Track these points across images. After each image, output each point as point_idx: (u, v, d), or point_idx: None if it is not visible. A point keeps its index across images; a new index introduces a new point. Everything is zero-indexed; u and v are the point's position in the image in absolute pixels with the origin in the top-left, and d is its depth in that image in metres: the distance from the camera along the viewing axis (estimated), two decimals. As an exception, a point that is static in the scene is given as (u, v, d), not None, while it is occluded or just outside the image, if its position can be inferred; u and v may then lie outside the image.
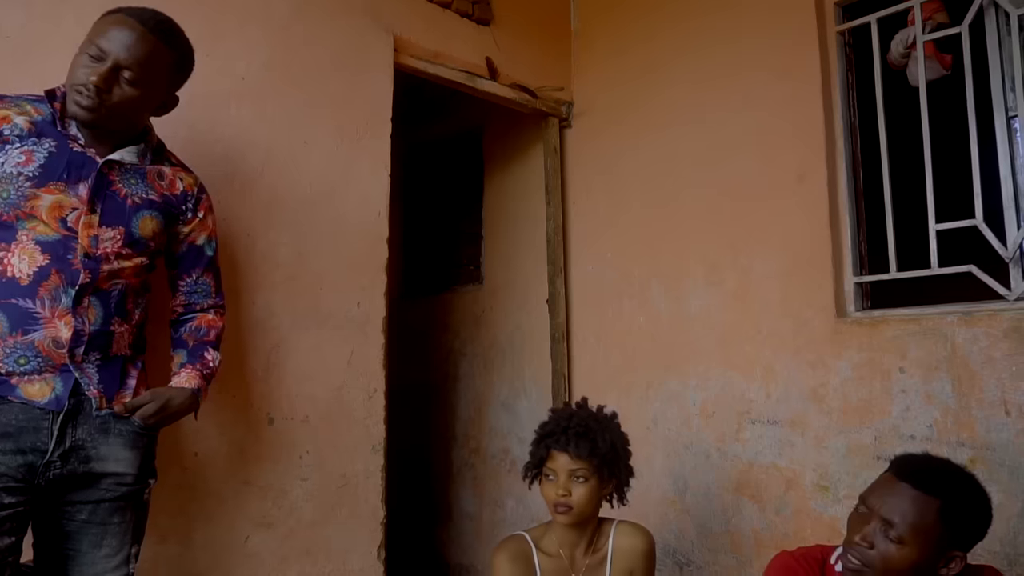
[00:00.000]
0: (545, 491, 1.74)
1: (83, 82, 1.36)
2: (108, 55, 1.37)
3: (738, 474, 2.40)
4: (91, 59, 1.37)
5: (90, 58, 1.37)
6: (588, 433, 1.70)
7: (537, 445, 1.76)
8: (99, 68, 1.36)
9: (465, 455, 3.49)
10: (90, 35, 1.39)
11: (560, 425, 1.73)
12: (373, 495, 2.24)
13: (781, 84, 2.40)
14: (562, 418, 1.76)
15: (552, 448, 1.72)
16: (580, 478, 1.69)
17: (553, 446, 1.72)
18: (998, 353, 1.90)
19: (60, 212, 1.37)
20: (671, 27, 2.75)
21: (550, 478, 1.72)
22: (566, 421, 1.74)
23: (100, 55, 1.36)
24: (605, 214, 2.93)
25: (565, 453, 1.69)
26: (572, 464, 1.69)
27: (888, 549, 1.30)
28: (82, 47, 1.39)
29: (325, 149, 2.22)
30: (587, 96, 3.05)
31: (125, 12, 1.41)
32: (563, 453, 1.70)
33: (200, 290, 1.66)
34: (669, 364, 2.64)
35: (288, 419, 2.07)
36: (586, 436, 1.70)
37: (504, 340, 3.34)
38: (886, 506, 1.32)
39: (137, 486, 1.46)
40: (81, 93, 1.36)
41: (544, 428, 1.78)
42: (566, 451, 1.69)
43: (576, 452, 1.68)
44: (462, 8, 2.71)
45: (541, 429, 1.79)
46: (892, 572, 1.30)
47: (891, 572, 1.30)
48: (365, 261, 2.29)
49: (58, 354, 1.36)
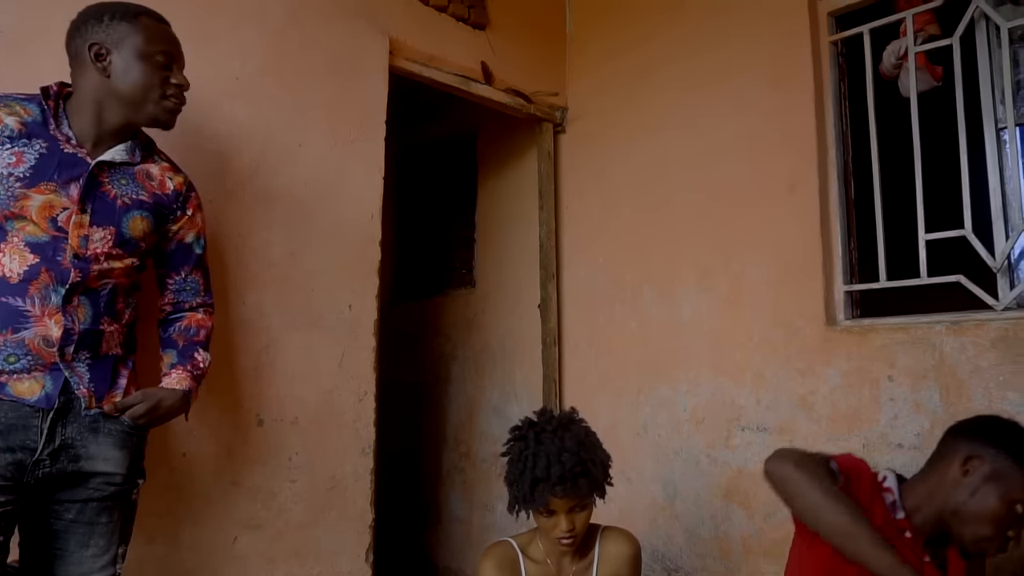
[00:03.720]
0: (542, 524, 1.66)
1: (174, 92, 1.48)
2: (174, 58, 1.50)
3: (728, 480, 2.40)
4: (162, 67, 1.46)
5: (160, 66, 1.46)
6: (586, 471, 1.61)
7: (532, 490, 1.61)
8: (178, 73, 1.50)
9: (455, 459, 3.48)
10: (141, 43, 1.44)
11: (555, 470, 1.58)
12: (362, 497, 2.23)
13: (773, 92, 2.41)
14: (552, 456, 1.60)
15: (552, 496, 1.59)
16: (580, 508, 1.63)
17: (553, 493, 1.59)
18: (985, 362, 1.92)
19: (50, 212, 1.36)
20: (664, 32, 2.76)
21: (546, 515, 1.64)
22: (559, 464, 1.59)
23: (167, 61, 1.48)
24: (598, 219, 2.94)
25: (567, 498, 1.60)
26: (572, 501, 1.61)
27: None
28: (140, 56, 1.43)
29: (319, 150, 2.22)
30: (581, 101, 3.06)
31: (150, 14, 1.49)
32: (564, 498, 1.60)
33: (189, 288, 1.65)
34: (660, 370, 2.65)
35: (278, 420, 2.07)
36: (585, 475, 1.60)
37: (496, 344, 3.34)
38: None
39: (125, 486, 1.45)
40: (170, 98, 1.48)
41: (535, 469, 1.60)
42: (567, 496, 1.60)
43: (578, 494, 1.60)
44: (458, 12, 2.71)
45: (530, 469, 1.61)
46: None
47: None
48: (357, 263, 2.29)
49: (48, 352, 1.35)
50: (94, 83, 1.43)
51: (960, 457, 1.43)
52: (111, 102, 1.43)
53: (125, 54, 1.42)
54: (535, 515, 1.67)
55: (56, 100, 1.43)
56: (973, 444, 1.43)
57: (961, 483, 1.40)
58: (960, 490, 1.40)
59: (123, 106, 1.44)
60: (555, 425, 1.68)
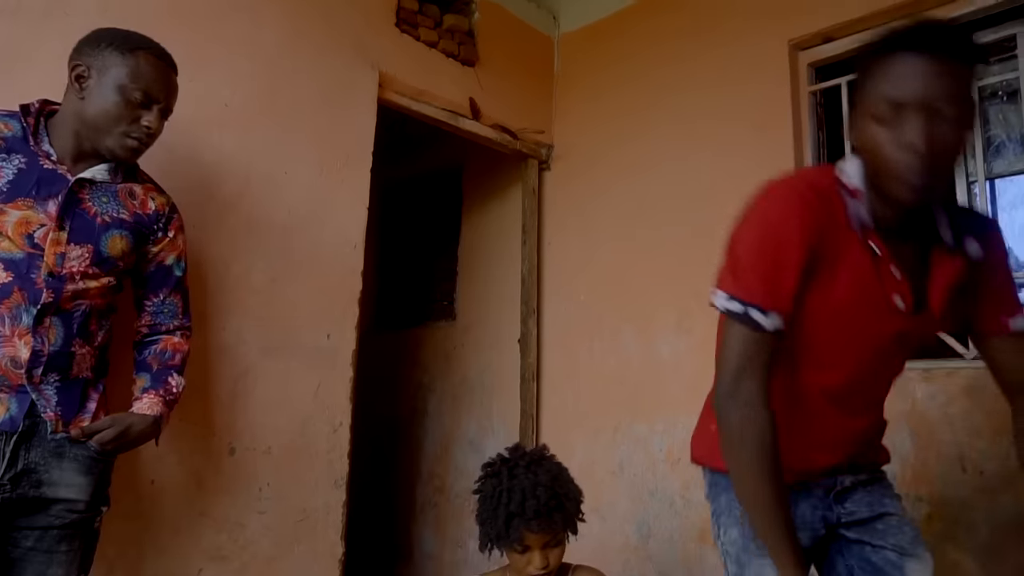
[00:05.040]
0: (515, 561, 1.64)
1: (139, 132, 1.45)
2: (155, 100, 1.47)
3: (702, 522, 2.39)
4: (137, 105, 1.43)
5: (135, 104, 1.43)
6: (560, 505, 1.61)
7: (506, 525, 1.60)
8: (150, 115, 1.46)
9: (429, 493, 3.43)
10: (124, 76, 1.42)
11: (529, 504, 1.58)
12: (333, 531, 2.19)
13: (759, 135, 2.46)
14: (527, 490, 1.60)
15: (527, 531, 1.59)
16: (554, 544, 1.63)
17: (528, 528, 1.58)
18: (955, 410, 1.94)
19: (27, 228, 1.35)
20: (651, 73, 2.82)
21: (521, 550, 1.62)
22: (533, 498, 1.58)
23: (146, 101, 1.45)
24: (579, 257, 2.96)
25: (541, 533, 1.60)
26: (547, 536, 1.61)
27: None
28: (117, 88, 1.41)
29: (305, 179, 2.23)
30: (567, 139, 3.11)
31: (151, 51, 1.47)
32: (539, 533, 1.60)
33: (167, 311, 1.63)
34: (637, 408, 2.65)
35: (250, 450, 2.03)
36: (560, 509, 1.61)
37: (474, 378, 3.32)
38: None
39: (88, 513, 1.41)
40: (133, 138, 1.45)
41: (509, 505, 1.60)
42: (542, 531, 1.59)
43: (552, 529, 1.60)
44: (448, 48, 2.76)
45: (504, 504, 1.61)
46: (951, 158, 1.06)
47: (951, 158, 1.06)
48: (338, 292, 2.28)
49: (15, 374, 1.33)
50: (71, 103, 1.43)
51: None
52: (80, 124, 1.43)
53: (105, 82, 1.42)
54: (508, 553, 1.66)
55: (37, 117, 1.43)
56: None
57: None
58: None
59: (87, 129, 1.43)
60: (528, 460, 1.68)
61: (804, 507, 1.27)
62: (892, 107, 1.03)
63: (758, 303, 1.11)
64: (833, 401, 1.23)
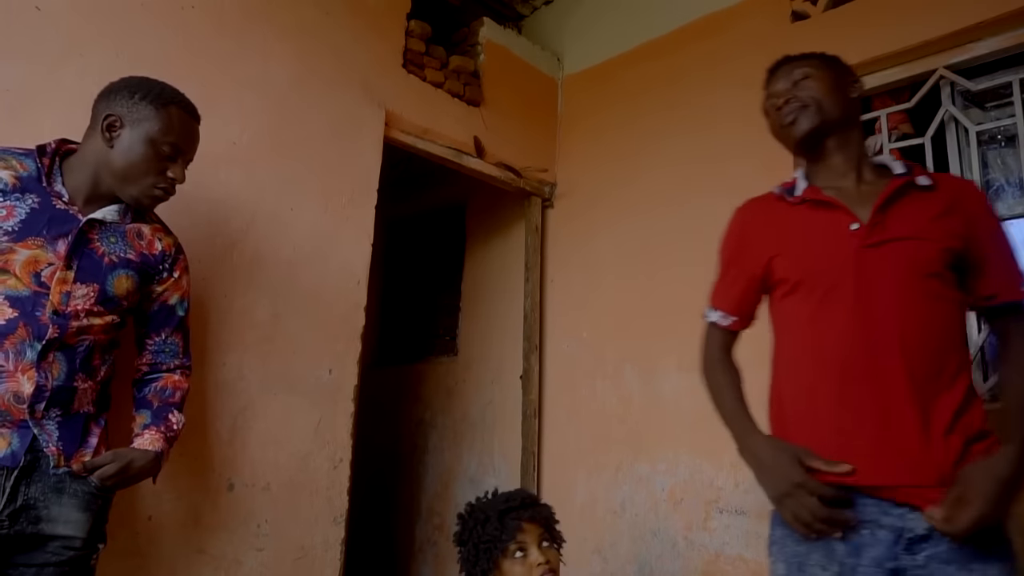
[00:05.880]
0: (516, 570, 1.64)
1: (164, 183, 1.50)
2: (182, 152, 1.53)
3: (704, 564, 2.36)
4: (164, 156, 1.49)
5: (163, 156, 1.48)
6: (539, 502, 1.74)
7: (501, 521, 1.65)
8: (177, 167, 1.52)
9: (429, 531, 3.39)
10: (156, 131, 1.46)
11: (515, 496, 1.69)
12: (331, 569, 2.16)
13: (768, 174, 2.46)
14: (505, 495, 1.72)
15: (523, 520, 1.65)
16: (549, 542, 1.68)
17: (521, 517, 1.65)
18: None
19: (35, 267, 1.36)
20: (656, 112, 2.86)
21: (518, 555, 1.64)
22: (516, 493, 1.72)
23: (174, 154, 1.51)
24: (582, 293, 2.97)
25: (534, 523, 1.67)
26: (540, 529, 1.67)
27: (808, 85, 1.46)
28: (149, 141, 1.46)
29: (311, 216, 2.25)
30: (570, 177, 3.14)
31: (182, 106, 1.53)
32: (533, 523, 1.66)
33: (168, 350, 1.64)
34: (639, 447, 2.63)
35: (249, 486, 2.02)
36: (544, 505, 1.74)
37: (476, 414, 3.31)
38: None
39: (84, 551, 1.40)
40: (160, 188, 1.50)
41: (496, 507, 1.68)
42: (535, 521, 1.66)
43: (543, 518, 1.69)
44: (454, 89, 2.81)
45: (493, 510, 1.68)
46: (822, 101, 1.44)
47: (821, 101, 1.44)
48: (340, 327, 2.29)
49: (18, 409, 1.33)
50: (96, 149, 1.46)
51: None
52: (105, 171, 1.46)
53: (136, 134, 1.45)
54: (506, 565, 1.64)
55: (52, 158, 1.45)
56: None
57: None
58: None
59: (113, 178, 1.46)
60: (492, 493, 1.77)
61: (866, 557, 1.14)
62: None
63: (710, 304, 1.63)
64: (844, 366, 1.28)
